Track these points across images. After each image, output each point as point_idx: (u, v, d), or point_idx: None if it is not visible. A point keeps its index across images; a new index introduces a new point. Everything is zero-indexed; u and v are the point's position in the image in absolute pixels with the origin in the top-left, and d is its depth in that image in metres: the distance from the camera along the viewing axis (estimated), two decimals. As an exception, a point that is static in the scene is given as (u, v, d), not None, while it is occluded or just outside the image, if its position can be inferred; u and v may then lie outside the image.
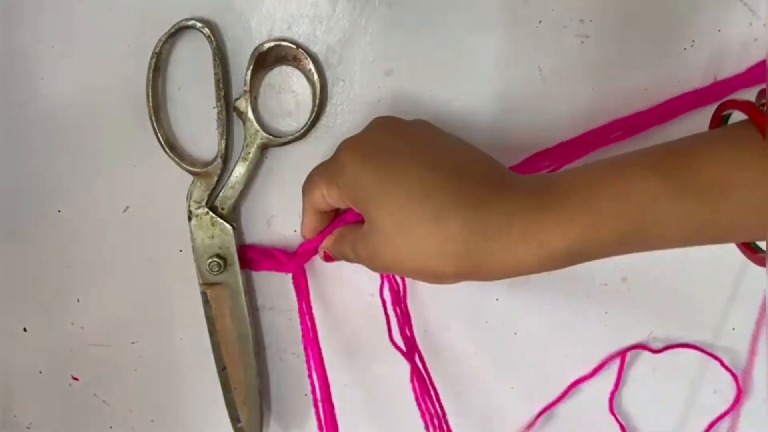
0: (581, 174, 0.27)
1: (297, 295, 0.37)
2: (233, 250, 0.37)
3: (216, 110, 0.36)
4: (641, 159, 0.26)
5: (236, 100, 0.35)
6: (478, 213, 0.27)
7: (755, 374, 0.40)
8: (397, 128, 0.31)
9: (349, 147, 0.30)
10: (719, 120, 0.30)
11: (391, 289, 0.37)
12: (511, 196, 0.27)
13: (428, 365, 0.37)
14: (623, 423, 0.40)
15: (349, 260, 0.33)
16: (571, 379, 0.40)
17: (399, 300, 0.37)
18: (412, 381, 0.36)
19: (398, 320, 0.37)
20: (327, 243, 0.35)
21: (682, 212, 0.25)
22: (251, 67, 0.35)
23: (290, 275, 0.37)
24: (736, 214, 0.24)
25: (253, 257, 0.37)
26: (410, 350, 0.36)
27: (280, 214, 0.38)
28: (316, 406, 0.37)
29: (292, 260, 0.37)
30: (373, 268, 0.31)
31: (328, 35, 0.35)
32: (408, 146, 0.29)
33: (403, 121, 0.32)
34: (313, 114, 0.36)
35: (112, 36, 0.36)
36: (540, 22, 0.35)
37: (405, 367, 0.36)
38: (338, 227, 0.34)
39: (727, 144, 0.25)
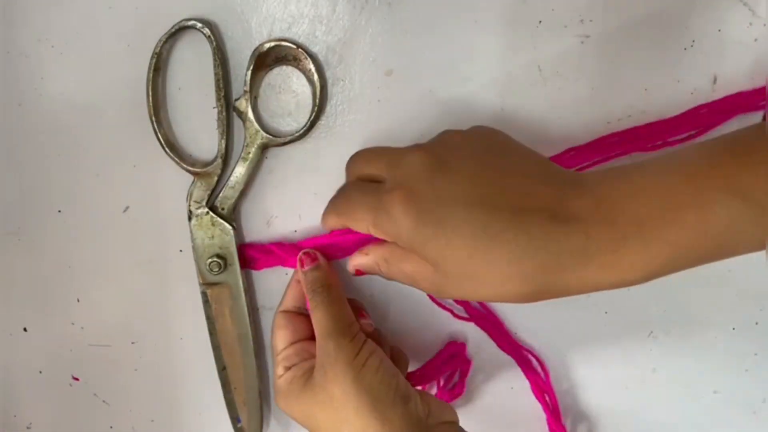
0: (653, 191, 0.27)
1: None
2: (233, 250, 0.37)
3: (216, 110, 0.36)
4: (716, 180, 0.26)
5: (236, 100, 0.35)
6: (550, 251, 0.27)
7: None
8: (442, 167, 0.29)
9: (400, 204, 0.29)
10: None
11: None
12: (581, 229, 0.27)
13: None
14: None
15: (392, 278, 0.32)
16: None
17: None
18: None
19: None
20: (362, 261, 0.33)
21: (762, 231, 0.25)
22: (251, 67, 0.35)
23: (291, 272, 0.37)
24: None
25: (253, 255, 0.37)
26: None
27: (280, 214, 0.38)
28: None
29: (292, 255, 0.37)
30: (438, 296, 0.31)
31: (328, 35, 0.35)
32: (460, 187, 0.29)
33: (439, 149, 0.31)
34: (313, 114, 0.36)
35: (112, 36, 0.36)
36: (540, 22, 0.35)
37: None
38: (370, 246, 0.33)
39: None
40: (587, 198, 0.28)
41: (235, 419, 0.39)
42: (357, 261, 0.33)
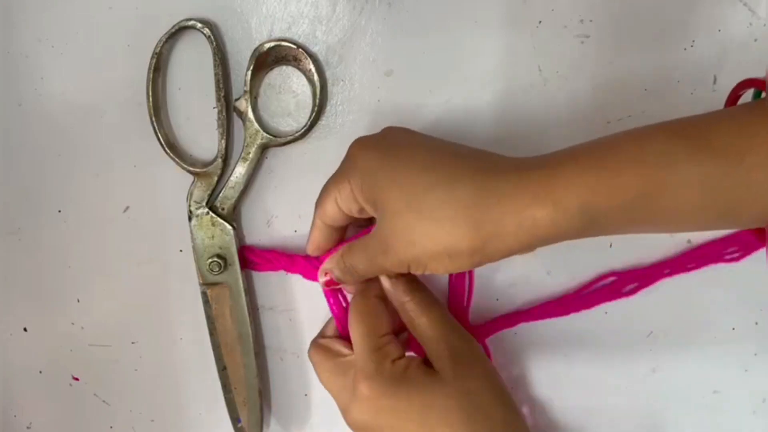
0: (594, 141, 0.27)
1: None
2: (233, 250, 0.37)
3: (216, 110, 0.36)
4: (657, 127, 0.27)
5: (236, 100, 0.35)
6: (488, 177, 0.27)
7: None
8: (405, 129, 0.32)
9: (358, 141, 0.31)
10: (735, 101, 0.30)
11: None
12: (520, 162, 0.28)
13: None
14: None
15: (358, 274, 0.32)
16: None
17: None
18: None
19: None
20: (331, 264, 0.33)
21: (698, 175, 0.25)
22: (251, 67, 0.35)
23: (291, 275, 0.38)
24: (750, 178, 0.24)
25: (252, 260, 0.37)
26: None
27: (280, 214, 0.38)
28: None
29: (292, 264, 0.37)
30: (386, 265, 0.30)
31: (328, 35, 0.35)
32: (414, 137, 0.31)
33: (412, 130, 0.32)
34: (313, 114, 0.36)
35: (112, 36, 0.36)
36: (540, 22, 0.35)
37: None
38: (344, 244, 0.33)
39: (744, 113, 0.26)
40: (531, 159, 0.28)
41: (235, 419, 0.39)
42: (323, 266, 0.34)
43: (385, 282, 0.33)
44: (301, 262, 0.37)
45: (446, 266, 0.28)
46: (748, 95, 0.31)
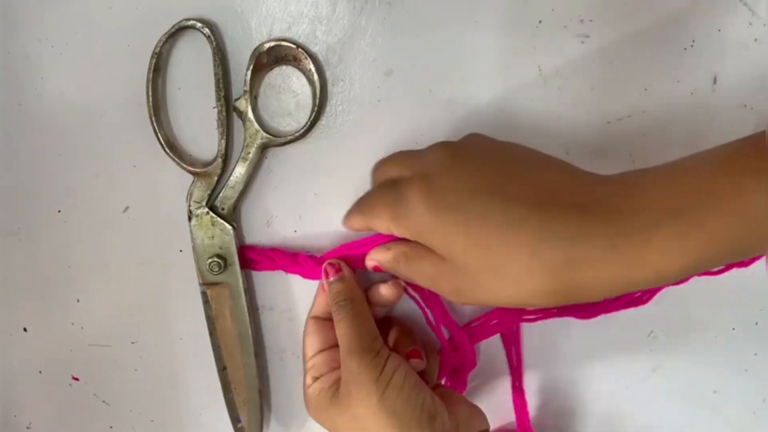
0: (686, 180, 0.25)
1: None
2: (233, 250, 0.37)
3: (216, 110, 0.36)
4: (753, 164, 0.24)
5: (236, 100, 0.35)
6: (576, 241, 0.25)
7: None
8: (461, 159, 0.29)
9: (418, 193, 0.28)
10: None
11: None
12: (610, 218, 0.25)
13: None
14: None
15: (411, 281, 0.31)
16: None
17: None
18: None
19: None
20: (381, 257, 0.32)
21: None
22: (251, 67, 0.35)
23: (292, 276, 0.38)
24: None
25: (253, 258, 0.37)
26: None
27: (280, 214, 0.38)
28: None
29: (293, 263, 0.37)
30: (458, 302, 0.29)
31: (328, 35, 0.35)
32: (480, 178, 0.28)
33: (460, 145, 0.30)
34: (313, 114, 0.36)
35: (112, 36, 0.36)
36: (540, 22, 0.35)
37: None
38: (388, 242, 0.33)
39: None
40: (614, 186, 0.26)
41: (235, 419, 0.39)
42: (376, 256, 0.33)
43: (323, 304, 0.35)
44: (304, 261, 0.36)
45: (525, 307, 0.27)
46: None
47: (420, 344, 0.35)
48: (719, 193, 0.24)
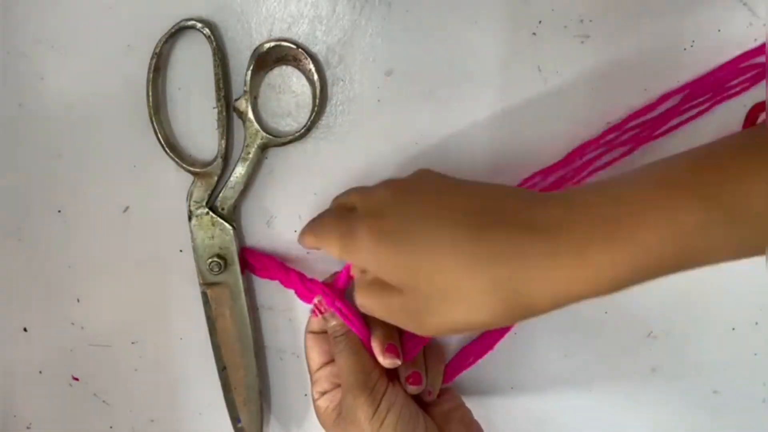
0: (621, 198, 0.26)
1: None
2: (233, 250, 0.37)
3: (216, 110, 0.36)
4: (688, 184, 0.25)
5: (236, 100, 0.35)
6: (517, 258, 0.26)
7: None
8: (403, 191, 0.30)
9: (365, 226, 0.29)
10: (753, 121, 0.29)
11: None
12: (548, 232, 0.26)
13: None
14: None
15: (374, 315, 0.32)
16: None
17: None
18: None
19: None
20: (359, 301, 0.32)
21: (735, 239, 0.24)
22: (251, 68, 0.35)
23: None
24: None
25: (252, 264, 0.37)
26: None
27: (280, 215, 0.38)
28: None
29: (287, 277, 0.37)
30: (408, 328, 0.30)
31: (328, 35, 0.35)
32: (422, 206, 0.29)
33: (405, 179, 0.31)
34: (313, 114, 0.36)
35: (112, 36, 0.36)
36: (540, 22, 0.35)
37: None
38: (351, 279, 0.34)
39: None
40: (555, 208, 0.27)
41: (235, 419, 0.39)
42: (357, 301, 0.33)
43: (317, 321, 0.36)
44: (296, 280, 0.36)
45: (480, 331, 0.29)
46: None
47: (433, 350, 0.36)
48: (649, 207, 0.25)
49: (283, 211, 0.38)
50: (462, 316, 0.27)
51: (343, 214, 0.32)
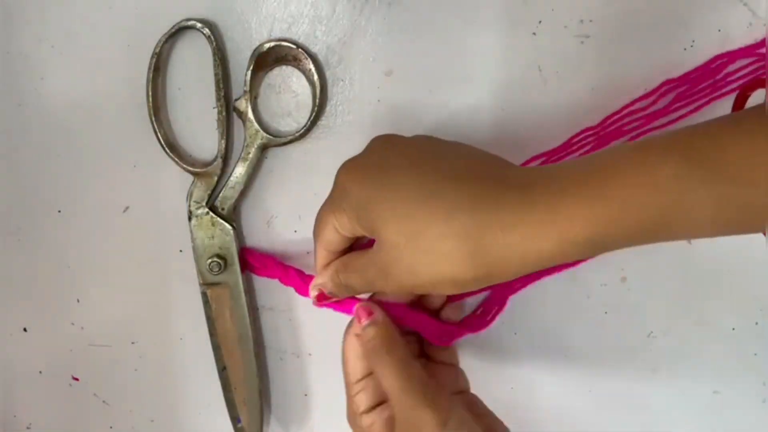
0: (598, 159, 0.26)
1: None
2: (233, 250, 0.37)
3: (216, 110, 0.36)
4: (664, 143, 0.25)
5: (236, 100, 0.35)
6: (489, 206, 0.26)
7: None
8: (393, 144, 0.30)
9: (347, 168, 0.30)
10: (743, 101, 0.29)
11: None
12: (523, 187, 0.26)
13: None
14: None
15: (355, 290, 0.32)
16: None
17: None
18: None
19: None
20: (323, 278, 0.33)
21: (713, 197, 0.23)
22: (251, 68, 0.35)
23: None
24: (765, 195, 0.23)
25: (252, 264, 0.37)
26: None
27: (280, 215, 0.38)
28: None
29: (287, 275, 0.37)
30: (386, 289, 0.30)
31: (328, 35, 0.35)
32: (406, 157, 0.29)
33: (401, 136, 0.31)
34: (313, 114, 0.36)
35: (112, 36, 0.36)
36: (540, 22, 0.35)
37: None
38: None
39: (757, 124, 0.24)
40: (532, 170, 0.27)
41: (235, 419, 0.39)
42: (317, 281, 0.33)
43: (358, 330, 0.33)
44: (294, 277, 0.36)
45: (451, 291, 0.28)
46: (756, 96, 0.30)
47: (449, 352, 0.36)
48: (626, 164, 0.25)
49: (283, 211, 0.38)
50: (426, 267, 0.27)
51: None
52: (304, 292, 0.37)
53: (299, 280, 0.36)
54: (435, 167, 0.28)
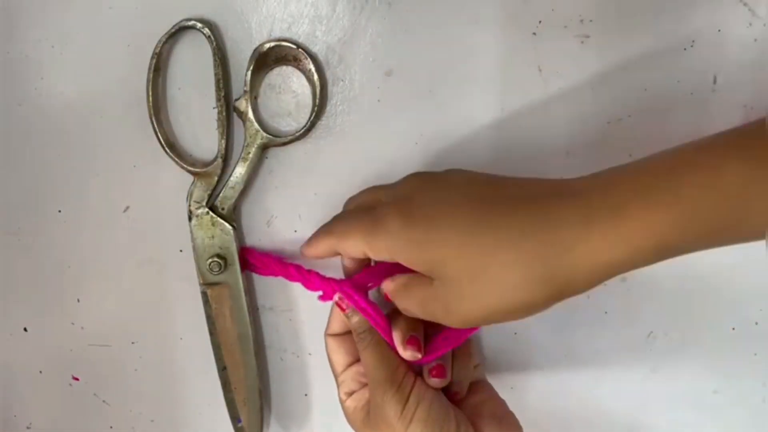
0: (653, 164, 0.25)
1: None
2: (233, 250, 0.37)
3: (216, 110, 0.36)
4: (726, 142, 0.24)
5: (236, 100, 0.35)
6: (550, 226, 0.25)
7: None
8: (432, 182, 0.30)
9: (395, 211, 0.29)
10: None
11: None
12: (580, 199, 0.25)
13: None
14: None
15: (415, 315, 0.31)
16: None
17: None
18: None
19: None
20: (386, 286, 0.32)
21: None
22: (251, 68, 0.35)
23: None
24: None
25: (252, 263, 0.37)
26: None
27: (280, 215, 0.38)
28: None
29: (289, 272, 0.36)
30: (446, 322, 0.29)
31: (328, 35, 0.35)
32: (448, 191, 0.28)
33: (435, 173, 0.31)
34: (313, 114, 0.36)
35: (112, 36, 0.36)
36: (540, 22, 0.35)
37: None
38: (393, 274, 0.32)
39: None
40: (585, 178, 0.26)
41: (235, 419, 0.39)
42: (385, 286, 0.33)
43: (336, 322, 0.35)
44: (294, 273, 0.36)
45: (524, 316, 0.27)
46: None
47: (461, 348, 0.35)
48: (693, 167, 0.24)
49: (283, 211, 0.38)
50: (494, 299, 0.26)
51: (364, 209, 0.31)
52: (311, 286, 0.36)
53: (299, 275, 0.36)
54: (481, 198, 0.27)
